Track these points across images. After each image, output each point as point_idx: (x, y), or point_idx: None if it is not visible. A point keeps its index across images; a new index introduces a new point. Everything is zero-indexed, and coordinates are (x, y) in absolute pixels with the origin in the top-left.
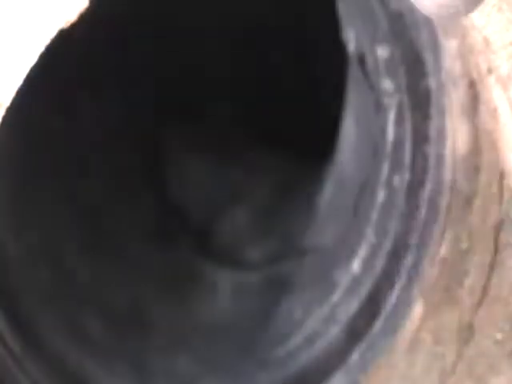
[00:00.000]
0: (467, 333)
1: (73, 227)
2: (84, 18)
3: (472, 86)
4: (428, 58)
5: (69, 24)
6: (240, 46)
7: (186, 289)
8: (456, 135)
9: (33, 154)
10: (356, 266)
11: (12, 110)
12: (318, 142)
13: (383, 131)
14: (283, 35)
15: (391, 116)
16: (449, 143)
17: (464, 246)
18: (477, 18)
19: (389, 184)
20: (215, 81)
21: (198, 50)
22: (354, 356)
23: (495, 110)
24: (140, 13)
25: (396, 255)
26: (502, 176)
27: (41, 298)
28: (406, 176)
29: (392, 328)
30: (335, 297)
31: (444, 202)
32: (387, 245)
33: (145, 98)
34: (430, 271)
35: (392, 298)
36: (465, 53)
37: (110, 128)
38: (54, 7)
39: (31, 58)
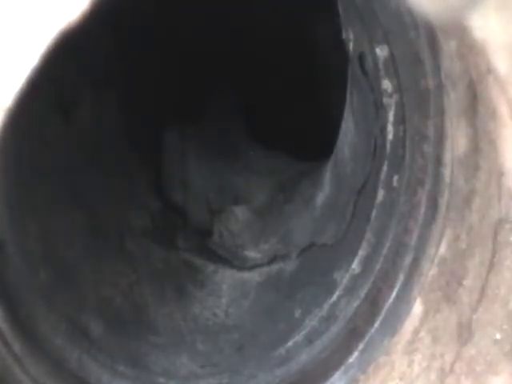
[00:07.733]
0: (466, 332)
1: (73, 227)
2: (84, 19)
3: (471, 86)
4: (427, 58)
5: (69, 24)
6: (240, 46)
7: (187, 288)
8: (455, 135)
9: (33, 155)
10: (356, 265)
11: (13, 111)
12: (317, 142)
13: (382, 131)
14: (284, 35)
15: (390, 116)
16: (448, 143)
17: (463, 245)
18: (475, 19)
19: (388, 183)
20: (215, 83)
21: (198, 50)
22: (354, 355)
23: (494, 109)
24: (140, 12)
25: (395, 255)
26: (500, 176)
27: (41, 297)
28: (406, 175)
29: (391, 327)
30: (335, 296)
31: (443, 201)
32: (386, 244)
33: (145, 99)
34: (429, 271)
35: (391, 297)
36: (464, 53)
37: (110, 128)
38: (54, 8)
39: (32, 59)
